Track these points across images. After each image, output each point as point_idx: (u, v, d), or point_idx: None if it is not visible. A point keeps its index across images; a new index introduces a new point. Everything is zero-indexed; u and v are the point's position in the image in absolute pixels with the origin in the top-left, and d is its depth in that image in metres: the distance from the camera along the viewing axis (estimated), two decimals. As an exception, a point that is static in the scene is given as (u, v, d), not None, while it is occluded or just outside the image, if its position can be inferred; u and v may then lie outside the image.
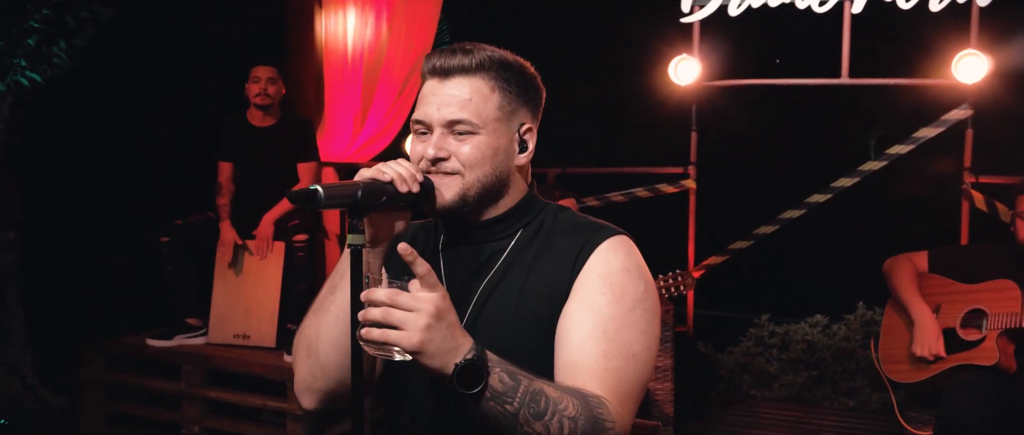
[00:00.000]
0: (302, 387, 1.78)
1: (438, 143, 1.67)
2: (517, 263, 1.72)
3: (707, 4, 5.16)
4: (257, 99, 4.79)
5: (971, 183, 4.89)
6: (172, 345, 4.69)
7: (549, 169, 5.77)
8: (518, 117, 1.72)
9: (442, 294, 1.46)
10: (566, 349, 1.61)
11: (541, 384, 1.51)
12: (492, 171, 1.69)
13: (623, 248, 1.68)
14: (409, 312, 1.42)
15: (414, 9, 5.86)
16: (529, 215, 1.77)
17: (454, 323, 1.47)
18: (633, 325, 1.62)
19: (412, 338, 1.41)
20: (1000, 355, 3.51)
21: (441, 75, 1.68)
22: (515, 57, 1.74)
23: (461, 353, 1.45)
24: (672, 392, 4.47)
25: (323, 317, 1.72)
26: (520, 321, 1.66)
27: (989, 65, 4.74)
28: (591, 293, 1.63)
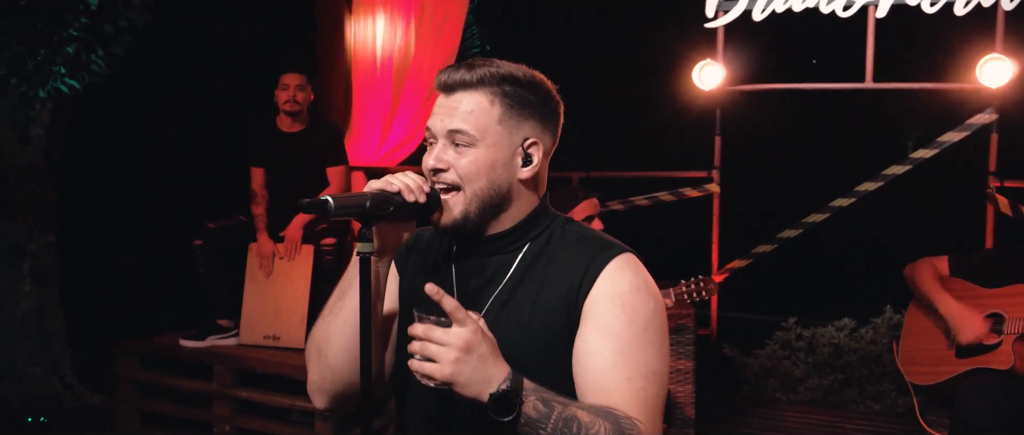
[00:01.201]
0: (313, 388, 1.85)
1: (439, 154, 1.73)
2: (527, 278, 1.76)
3: (731, 9, 5.18)
4: (286, 106, 4.90)
5: (996, 187, 4.87)
6: (204, 346, 4.81)
7: (573, 173, 5.82)
8: (521, 131, 1.75)
9: (473, 329, 1.55)
10: (591, 376, 1.66)
11: (574, 410, 1.58)
12: (489, 184, 1.72)
13: (630, 267, 1.71)
14: (441, 346, 1.54)
15: (441, 14, 5.95)
16: (537, 228, 1.80)
17: (486, 355, 1.55)
18: (649, 343, 1.67)
19: (444, 370, 1.53)
20: (1016, 359, 3.53)
21: (447, 90, 1.75)
22: (527, 72, 1.77)
23: (495, 383, 1.55)
24: (693, 394, 4.51)
25: (332, 322, 1.79)
26: (532, 335, 1.71)
27: (1014, 69, 4.73)
28: (605, 317, 1.66)
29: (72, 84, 4.97)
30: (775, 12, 5.10)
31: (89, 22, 4.94)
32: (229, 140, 5.39)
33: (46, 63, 4.90)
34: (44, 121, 5.16)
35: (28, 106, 5.05)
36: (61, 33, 4.88)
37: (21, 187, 5.15)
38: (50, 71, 4.92)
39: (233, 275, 4.88)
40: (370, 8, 5.91)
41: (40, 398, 5.09)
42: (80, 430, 4.93)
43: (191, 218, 5.03)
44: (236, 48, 6.05)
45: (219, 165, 5.66)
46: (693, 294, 4.10)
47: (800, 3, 5.06)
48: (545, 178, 1.83)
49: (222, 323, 4.90)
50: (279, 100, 4.93)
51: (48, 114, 5.15)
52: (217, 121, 5.96)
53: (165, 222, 5.76)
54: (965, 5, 4.76)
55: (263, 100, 5.09)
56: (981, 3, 4.75)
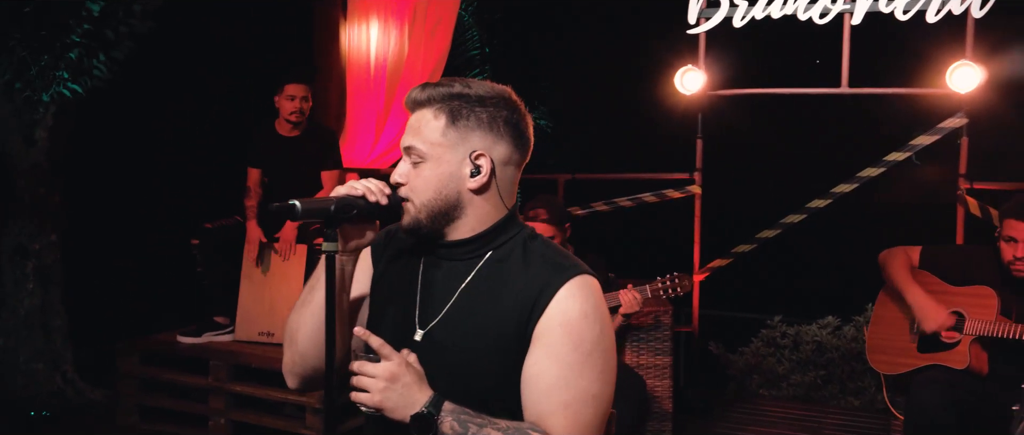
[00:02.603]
0: (286, 370, 2.06)
1: (400, 168, 1.92)
2: (485, 287, 1.90)
3: (713, 16, 5.33)
4: (292, 117, 5.04)
5: (966, 189, 5.02)
6: (201, 342, 4.98)
7: (560, 175, 5.98)
8: (468, 143, 1.87)
9: (398, 362, 1.80)
10: (532, 397, 1.82)
11: (489, 430, 1.78)
12: (436, 196, 1.87)
13: (581, 293, 1.83)
14: (371, 379, 1.79)
15: (433, 19, 6.12)
16: (499, 239, 1.92)
17: (410, 383, 1.79)
18: (592, 368, 1.81)
19: (373, 398, 1.79)
20: (972, 359, 3.66)
21: (408, 109, 1.93)
22: (482, 88, 1.89)
23: (417, 406, 1.78)
24: (671, 389, 4.67)
25: (303, 312, 1.98)
26: (484, 340, 1.86)
27: (983, 75, 4.87)
28: (553, 343, 1.80)
29: (75, 88, 5.10)
30: (754, 19, 5.25)
31: (91, 29, 5.08)
32: (227, 142, 5.55)
33: (49, 68, 5.03)
34: (48, 124, 5.29)
35: (32, 110, 5.19)
36: (64, 39, 5.01)
37: (26, 188, 5.30)
38: (53, 76, 5.05)
39: (229, 274, 5.04)
40: (364, 13, 6.08)
41: (43, 393, 5.25)
42: (82, 424, 5.08)
43: (189, 218, 5.19)
44: (234, 52, 6.21)
45: (217, 167, 5.82)
46: (668, 290, 4.27)
47: (778, 10, 5.20)
48: (513, 189, 1.95)
49: (219, 320, 5.06)
50: (283, 109, 5.05)
51: (52, 118, 5.27)
52: (215, 124, 6.13)
53: (164, 222, 5.93)
54: (936, 13, 4.91)
55: (261, 103, 5.25)
56: (952, 11, 4.88)
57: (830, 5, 5.10)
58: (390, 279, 2.03)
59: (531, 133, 1.97)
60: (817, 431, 5.15)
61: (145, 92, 5.90)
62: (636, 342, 4.64)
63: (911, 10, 4.95)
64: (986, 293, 3.73)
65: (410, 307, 1.96)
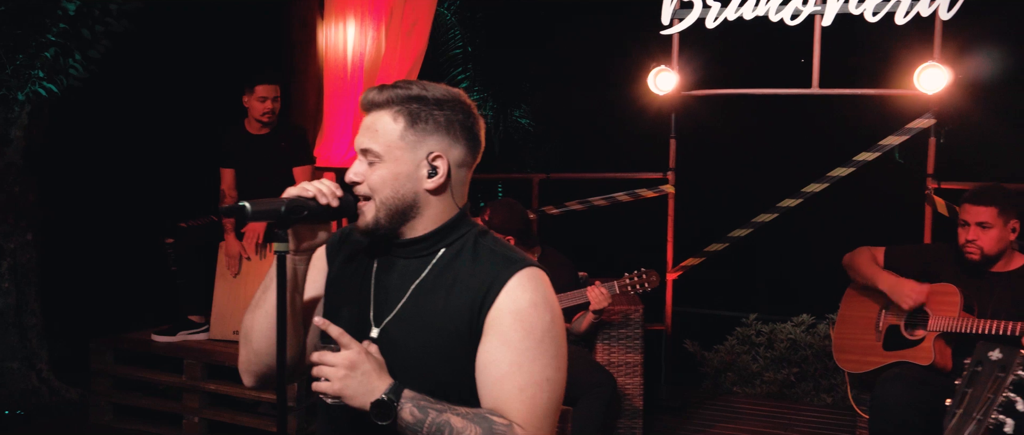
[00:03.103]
0: (242, 368, 2.08)
1: (355, 169, 1.94)
2: (438, 282, 1.94)
3: (686, 17, 5.37)
4: (264, 117, 5.07)
5: (934, 188, 5.08)
6: (175, 341, 5.00)
7: (534, 175, 6.02)
8: (425, 145, 1.91)
9: (357, 350, 1.83)
10: (488, 384, 1.87)
11: (449, 416, 1.81)
12: (394, 194, 1.91)
13: (531, 283, 1.88)
14: (331, 367, 1.82)
15: (410, 19, 6.14)
16: (452, 237, 1.97)
17: (370, 371, 1.82)
18: (544, 354, 1.86)
19: (334, 386, 1.81)
20: (936, 356, 3.72)
21: (364, 109, 1.96)
22: (438, 91, 1.93)
23: (377, 393, 1.81)
24: (641, 387, 4.71)
25: (257, 312, 2.01)
26: (437, 337, 1.90)
27: (950, 76, 4.93)
28: (505, 330, 1.86)
29: (50, 88, 5.11)
30: (727, 20, 5.29)
31: (67, 28, 5.09)
32: (201, 142, 5.57)
33: (25, 67, 5.03)
34: (23, 123, 5.30)
35: (7, 109, 5.19)
36: (40, 38, 5.01)
37: (1, 187, 5.31)
38: (29, 75, 5.05)
39: (204, 273, 5.05)
40: (341, 12, 6.09)
41: (18, 392, 5.26)
42: (56, 423, 5.10)
43: (164, 218, 5.21)
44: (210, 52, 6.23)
45: (192, 166, 5.83)
46: (636, 286, 4.31)
47: (751, 12, 5.25)
48: (464, 189, 2.00)
49: (193, 319, 5.08)
50: (254, 110, 5.07)
51: (27, 116, 5.28)
52: (190, 123, 6.14)
53: (139, 221, 5.94)
54: (905, 15, 4.96)
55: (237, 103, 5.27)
56: (920, 13, 4.94)
57: (801, 7, 5.15)
58: (344, 279, 2.06)
59: (483, 136, 2.02)
60: (787, 427, 5.20)
61: (121, 91, 5.91)
62: (607, 340, 4.68)
63: (880, 12, 5.01)
64: (949, 290, 3.79)
65: (365, 305, 1.99)
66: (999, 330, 3.54)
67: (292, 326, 1.97)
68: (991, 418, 1.88)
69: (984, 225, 3.72)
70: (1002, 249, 3.75)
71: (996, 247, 3.74)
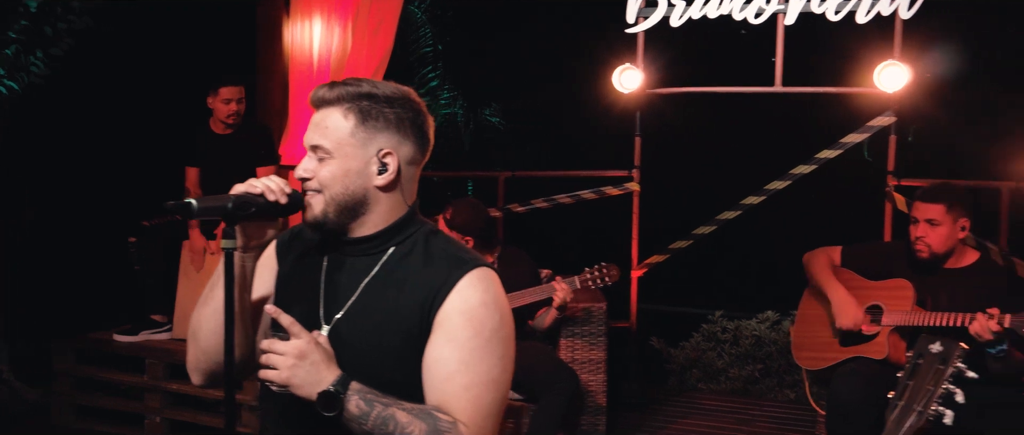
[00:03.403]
0: (191, 367, 2.08)
1: (305, 164, 1.94)
2: (388, 280, 1.94)
3: (651, 16, 5.40)
4: (230, 119, 5.06)
5: (894, 186, 5.14)
6: (137, 340, 4.97)
7: (500, 173, 6.03)
8: (376, 142, 1.91)
9: (307, 340, 1.83)
10: (435, 381, 1.87)
11: (395, 410, 1.82)
12: (344, 190, 1.90)
13: (481, 283, 1.89)
14: (280, 356, 1.81)
15: (376, 17, 6.13)
16: (402, 235, 1.97)
17: (318, 361, 1.82)
18: (491, 354, 1.87)
19: (281, 375, 1.81)
20: (891, 350, 3.78)
21: (314, 106, 1.96)
22: (388, 89, 1.94)
23: (324, 384, 1.81)
24: (605, 383, 4.73)
25: (205, 309, 2.01)
26: (386, 334, 1.91)
27: (910, 75, 4.99)
28: (454, 329, 1.86)
29: (11, 85, 5.06)
30: (691, 19, 5.32)
31: (29, 25, 5.04)
32: (166, 140, 5.53)
33: (-15, 65, 5.02)
34: (-16, 121, 5.26)
35: (-33, 107, 5.16)
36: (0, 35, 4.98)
37: (-40, 186, 5.27)
38: (-11, 73, 5.04)
39: (167, 272, 5.04)
40: (307, 11, 6.07)
41: (-22, 393, 5.22)
42: (17, 424, 5.04)
43: (127, 216, 5.17)
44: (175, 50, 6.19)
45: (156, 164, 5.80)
46: (597, 280, 4.34)
47: (715, 10, 5.28)
48: (413, 187, 2.01)
49: (156, 318, 5.06)
50: (219, 112, 5.07)
51: (-12, 114, 5.25)
52: (155, 121, 6.10)
53: (101, 220, 5.89)
54: (866, 14, 5.01)
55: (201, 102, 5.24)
56: (881, 12, 4.99)
57: (764, 5, 5.19)
58: (295, 276, 2.06)
59: (432, 134, 2.03)
60: (749, 423, 5.25)
61: (84, 89, 5.86)
62: (570, 337, 4.70)
63: (842, 11, 5.06)
64: (903, 285, 3.85)
65: (314, 303, 1.99)
66: (950, 322, 3.59)
67: (241, 324, 1.97)
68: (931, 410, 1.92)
69: (932, 222, 3.78)
70: (951, 246, 3.81)
71: (944, 245, 3.80)
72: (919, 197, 3.88)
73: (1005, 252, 4.88)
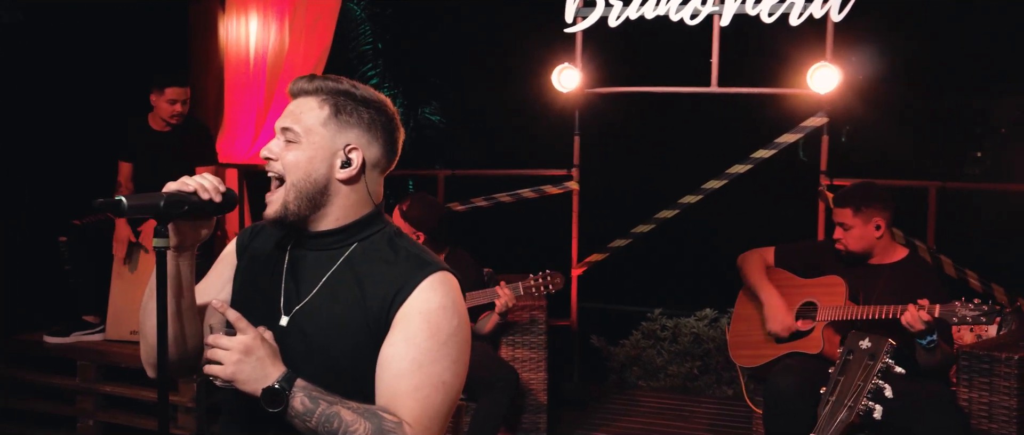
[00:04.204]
0: (144, 362, 2.11)
1: (270, 146, 1.95)
2: (350, 276, 1.95)
3: (589, 16, 5.44)
4: (173, 119, 4.99)
5: (826, 185, 5.25)
6: (69, 341, 4.87)
7: (440, 171, 6.02)
8: (345, 137, 1.94)
9: (253, 335, 1.82)
10: (385, 379, 1.87)
11: (340, 408, 1.81)
12: (305, 177, 1.91)
13: (442, 287, 1.91)
14: (225, 351, 1.81)
15: (314, 13, 6.08)
16: (366, 232, 1.99)
17: (264, 357, 1.82)
18: (445, 357, 1.88)
19: (226, 370, 1.81)
20: (825, 344, 3.86)
21: (292, 95, 1.99)
22: (368, 93, 1.98)
23: (269, 380, 1.80)
24: (545, 382, 4.75)
25: (148, 307, 2.00)
26: (345, 330, 1.91)
27: (841, 76, 5.10)
28: (411, 329, 1.87)
29: (-65, 80, 4.94)
30: (628, 19, 5.37)
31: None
32: (98, 136, 5.42)
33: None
34: (-94, 118, 5.11)
35: None
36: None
37: None
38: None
39: (99, 271, 4.93)
40: (243, 6, 6.00)
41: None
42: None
43: (57, 214, 5.07)
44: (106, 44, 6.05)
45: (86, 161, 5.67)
46: (541, 288, 4.36)
47: (652, 11, 5.34)
48: (379, 189, 2.03)
49: (88, 319, 4.96)
50: (163, 111, 4.99)
51: (-88, 110, 5.10)
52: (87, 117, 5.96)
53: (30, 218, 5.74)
54: (799, 16, 5.11)
55: (133, 97, 5.14)
56: (813, 14, 5.09)
57: (700, 7, 5.26)
58: (254, 271, 2.06)
59: (400, 145, 2.06)
60: (688, 419, 5.32)
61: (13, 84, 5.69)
62: (511, 335, 4.71)
63: (776, 13, 5.14)
64: (836, 282, 3.94)
65: (275, 295, 1.99)
66: (882, 314, 3.68)
67: (181, 322, 1.98)
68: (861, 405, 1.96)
69: (844, 226, 3.92)
70: (868, 245, 3.92)
71: (858, 244, 3.91)
72: (834, 201, 4.02)
73: (932, 249, 5.02)
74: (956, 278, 4.92)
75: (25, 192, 5.85)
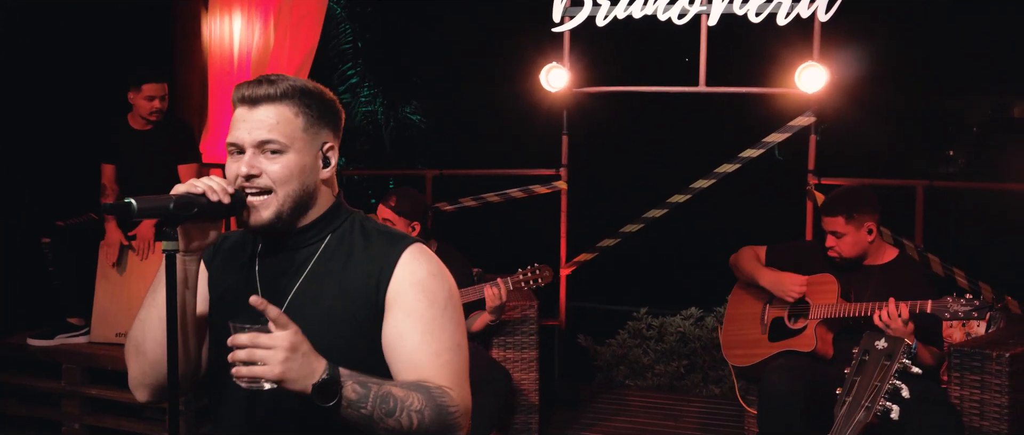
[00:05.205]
0: (135, 384, 2.01)
1: (250, 162, 1.88)
2: (330, 267, 1.94)
3: (576, 15, 5.43)
4: (152, 116, 4.94)
5: (814, 184, 5.27)
6: (53, 344, 4.80)
7: (428, 171, 5.99)
8: (321, 137, 1.95)
9: (294, 330, 1.72)
10: (403, 355, 1.87)
11: (389, 387, 1.78)
12: (300, 185, 1.90)
13: (423, 256, 1.94)
14: (269, 350, 1.68)
15: (299, 11, 6.03)
16: (336, 221, 2.00)
17: (308, 351, 1.72)
18: (449, 320, 1.91)
19: (274, 371, 1.68)
20: (818, 342, 3.88)
21: (250, 103, 1.90)
22: (315, 85, 1.97)
23: (317, 375, 1.71)
24: (537, 381, 4.74)
25: (147, 319, 1.94)
26: (338, 320, 1.89)
27: (829, 75, 5.12)
28: (409, 302, 1.88)
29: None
30: (616, 19, 5.37)
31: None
32: (81, 136, 5.35)
33: None
34: None
35: None
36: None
37: None
38: None
39: (84, 273, 4.87)
40: (227, 5, 5.94)
41: None
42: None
43: (40, 216, 5.00)
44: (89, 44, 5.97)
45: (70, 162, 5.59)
46: (529, 282, 4.35)
47: (639, 11, 5.34)
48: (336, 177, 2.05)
49: (72, 321, 4.89)
50: (142, 108, 4.93)
51: None
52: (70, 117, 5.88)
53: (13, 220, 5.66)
54: (786, 16, 5.12)
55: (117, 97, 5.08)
56: (800, 14, 5.11)
57: (688, 6, 5.26)
58: (227, 278, 2.03)
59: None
60: (678, 418, 5.32)
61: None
62: (502, 335, 4.69)
63: (763, 13, 5.16)
64: (827, 280, 3.96)
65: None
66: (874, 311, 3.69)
67: (191, 329, 1.93)
68: (879, 405, 1.96)
69: (836, 234, 3.91)
70: (861, 251, 3.93)
71: (853, 251, 3.92)
72: (821, 211, 4.02)
73: (920, 248, 5.05)
74: (943, 276, 4.95)
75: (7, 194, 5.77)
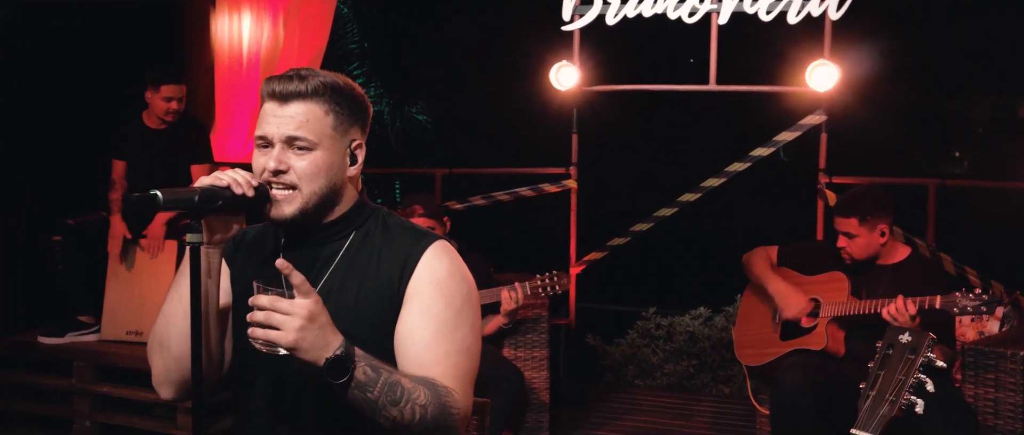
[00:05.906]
0: (159, 380, 2.01)
1: (279, 157, 1.88)
2: (354, 263, 1.94)
3: (587, 13, 5.43)
4: (168, 117, 4.94)
5: (825, 183, 5.26)
6: (64, 342, 4.80)
7: (437, 170, 5.99)
8: (349, 135, 1.94)
9: (315, 300, 1.71)
10: (412, 352, 1.87)
11: (399, 377, 1.78)
12: (327, 183, 1.90)
13: (446, 255, 1.94)
14: (287, 315, 1.67)
15: (308, 10, 6.04)
16: (360, 218, 1.99)
17: (326, 324, 1.71)
18: (463, 322, 1.91)
19: (288, 337, 1.66)
20: (829, 340, 3.87)
21: (280, 99, 1.89)
22: (346, 81, 1.96)
23: (331, 349, 1.70)
24: (548, 380, 4.73)
25: (172, 314, 1.93)
26: (359, 315, 1.89)
27: (840, 74, 5.11)
28: (426, 300, 1.88)
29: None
30: (627, 17, 5.37)
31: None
32: (91, 135, 5.35)
33: None
34: None
35: None
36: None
37: None
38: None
39: (94, 271, 4.87)
40: (236, 4, 5.95)
41: None
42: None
43: (51, 214, 5.00)
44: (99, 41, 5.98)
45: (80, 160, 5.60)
46: (547, 288, 4.35)
47: (650, 9, 5.34)
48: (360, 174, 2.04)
49: (82, 319, 4.89)
50: (158, 108, 4.93)
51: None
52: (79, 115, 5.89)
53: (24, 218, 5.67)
54: (797, 14, 5.12)
55: (127, 95, 5.08)
56: (811, 13, 5.10)
57: (698, 5, 5.26)
58: (250, 273, 1.99)
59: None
60: (688, 418, 5.31)
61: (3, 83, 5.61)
62: (514, 335, 4.69)
63: (774, 11, 5.16)
64: (838, 278, 3.96)
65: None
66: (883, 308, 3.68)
67: (213, 323, 1.93)
68: (903, 399, 1.95)
69: (849, 235, 3.89)
70: (873, 252, 3.91)
71: (865, 252, 3.90)
72: (834, 211, 3.99)
73: (932, 247, 5.04)
74: (955, 275, 4.94)
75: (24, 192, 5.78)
